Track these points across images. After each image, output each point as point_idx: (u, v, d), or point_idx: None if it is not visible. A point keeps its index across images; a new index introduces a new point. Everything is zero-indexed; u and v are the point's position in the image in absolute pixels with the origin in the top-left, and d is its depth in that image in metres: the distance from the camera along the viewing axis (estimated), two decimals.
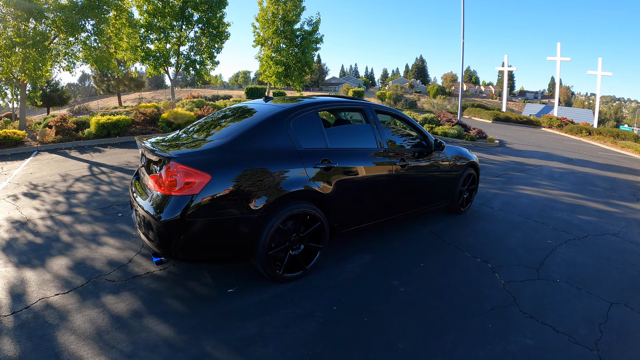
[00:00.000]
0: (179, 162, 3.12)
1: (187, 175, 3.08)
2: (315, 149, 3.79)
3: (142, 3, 18.31)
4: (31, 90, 15.05)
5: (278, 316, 3.11)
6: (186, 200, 3.05)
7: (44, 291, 3.39)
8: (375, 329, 3.05)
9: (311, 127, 3.90)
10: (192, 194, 3.06)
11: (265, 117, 3.73)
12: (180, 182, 3.07)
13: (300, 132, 3.76)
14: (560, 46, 37.45)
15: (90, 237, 4.64)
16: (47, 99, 37.16)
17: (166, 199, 3.10)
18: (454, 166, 5.59)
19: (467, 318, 3.23)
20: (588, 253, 4.82)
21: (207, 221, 3.15)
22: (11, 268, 3.83)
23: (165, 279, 3.67)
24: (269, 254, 3.41)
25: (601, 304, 3.58)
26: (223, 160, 3.27)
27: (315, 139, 3.87)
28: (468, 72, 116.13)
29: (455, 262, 4.34)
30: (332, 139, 4.00)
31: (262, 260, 3.38)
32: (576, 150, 17.58)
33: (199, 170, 3.11)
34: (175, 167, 3.09)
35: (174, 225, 3.07)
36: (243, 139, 3.47)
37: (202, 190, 3.08)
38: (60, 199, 6.26)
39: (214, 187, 3.12)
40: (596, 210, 6.97)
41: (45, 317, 3.01)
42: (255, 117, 3.79)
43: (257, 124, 3.63)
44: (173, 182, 3.09)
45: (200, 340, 2.77)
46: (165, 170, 3.15)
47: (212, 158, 3.25)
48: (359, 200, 4.24)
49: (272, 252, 3.44)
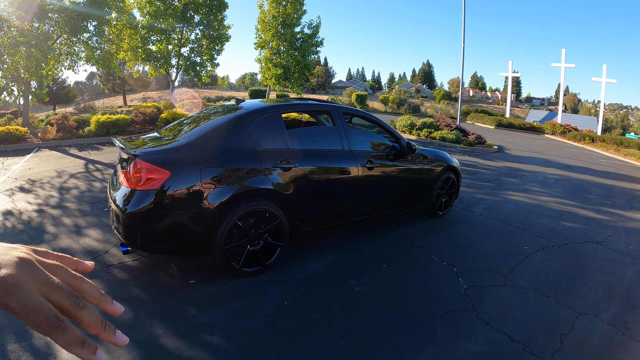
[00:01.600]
0: (142, 159, 3.32)
1: (149, 171, 3.28)
2: (275, 150, 3.88)
3: (144, 5, 18.40)
4: (37, 87, 15.38)
5: (230, 307, 3.21)
6: (149, 195, 3.25)
7: None
8: (321, 326, 3.04)
9: (272, 129, 4.01)
10: (154, 189, 3.25)
11: (227, 119, 3.88)
12: (143, 178, 3.27)
13: (261, 133, 3.87)
14: (564, 52, 37.09)
15: (74, 229, 4.85)
16: (53, 96, 37.60)
17: (132, 193, 3.30)
18: (429, 169, 5.49)
19: (418, 321, 3.12)
20: (565, 261, 4.66)
21: (167, 215, 3.32)
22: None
23: (135, 268, 3.85)
24: (227, 248, 3.52)
25: (568, 314, 3.42)
26: (182, 159, 3.44)
27: (276, 140, 3.97)
28: (475, 78, 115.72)
29: (420, 265, 4.23)
30: (294, 141, 4.09)
31: (220, 254, 3.50)
32: (577, 157, 17.32)
33: (159, 167, 3.29)
34: (140, 163, 3.29)
35: (137, 217, 3.27)
36: (203, 139, 3.64)
37: (161, 186, 3.26)
38: (54, 193, 6.47)
39: (173, 183, 3.30)
40: (584, 218, 6.79)
41: None
42: (220, 119, 3.94)
43: (218, 126, 3.80)
44: (138, 178, 3.30)
45: (154, 325, 2.91)
46: (132, 166, 3.35)
47: (172, 156, 3.44)
48: (321, 201, 4.23)
49: (230, 247, 3.55)
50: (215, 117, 3.98)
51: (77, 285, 0.52)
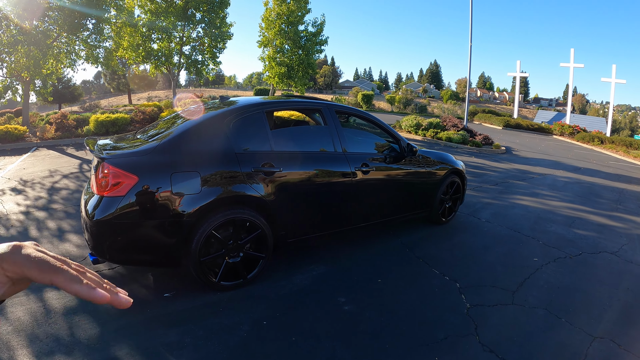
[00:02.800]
0: (109, 163, 3.04)
1: (115, 176, 3.00)
2: (256, 152, 3.56)
3: (145, 3, 18.19)
4: (41, 86, 15.26)
5: (203, 326, 2.94)
6: (115, 202, 2.98)
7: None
8: (300, 349, 2.72)
9: (254, 129, 3.68)
10: (120, 196, 2.98)
11: (204, 119, 3.57)
12: (110, 183, 3.00)
13: (241, 134, 3.56)
14: (573, 52, 36.41)
15: (57, 232, 4.71)
16: (58, 95, 37.55)
17: (99, 200, 3.04)
18: (432, 173, 5.11)
19: (412, 347, 2.76)
20: (578, 274, 4.27)
21: (135, 223, 3.05)
22: None
23: (109, 279, 3.59)
24: (202, 260, 3.24)
25: (581, 338, 3.05)
26: (151, 163, 3.15)
27: (258, 141, 3.64)
28: (482, 78, 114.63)
29: (419, 279, 3.86)
30: (278, 142, 3.74)
31: (195, 267, 3.23)
32: (586, 158, 16.83)
33: (126, 171, 3.01)
34: (107, 168, 3.03)
35: (103, 226, 3.01)
36: (175, 141, 3.33)
37: (128, 192, 2.98)
38: (43, 194, 6.37)
39: (141, 189, 3.01)
40: (596, 224, 6.39)
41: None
42: (198, 119, 3.60)
43: (193, 126, 3.46)
44: (105, 183, 3.03)
45: (119, 343, 2.70)
46: (100, 170, 3.09)
47: (140, 160, 3.15)
48: (310, 208, 3.89)
49: (206, 259, 3.26)
50: (194, 117, 3.64)
51: (79, 269, 0.54)
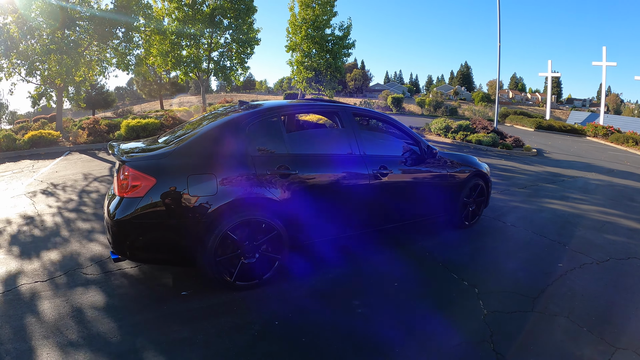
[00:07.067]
0: (130, 165, 3.20)
1: (134, 178, 3.15)
2: (271, 155, 3.67)
3: (172, 11, 18.69)
4: (74, 93, 15.94)
5: (216, 324, 3.04)
6: (135, 202, 3.13)
7: (28, 278, 3.70)
8: (309, 351, 2.75)
9: (270, 133, 3.79)
10: (139, 197, 3.13)
11: (221, 123, 3.68)
12: (129, 185, 3.16)
13: (256, 137, 3.66)
14: (605, 50, 34.90)
15: (85, 233, 4.92)
16: (92, 101, 38.89)
17: (120, 200, 3.19)
18: (454, 175, 5.04)
19: (424, 354, 2.74)
20: (604, 281, 4.11)
21: (153, 223, 3.20)
22: (10, 257, 4.21)
23: (131, 276, 3.80)
24: (217, 260, 3.34)
25: (603, 349, 2.93)
26: (169, 165, 3.28)
27: (274, 144, 3.75)
28: (514, 79, 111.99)
29: (436, 284, 3.82)
30: (294, 145, 3.83)
31: (211, 267, 3.33)
32: (620, 161, 16.16)
33: (145, 174, 3.16)
34: (127, 170, 3.18)
35: (123, 225, 3.17)
36: (192, 145, 3.46)
37: (146, 194, 3.13)
38: (74, 197, 6.68)
39: (159, 191, 3.16)
40: (627, 229, 6.13)
41: (21, 300, 3.31)
42: (214, 123, 3.73)
43: (210, 130, 3.60)
44: (125, 185, 3.18)
45: (135, 337, 2.83)
46: (121, 173, 3.25)
47: (158, 163, 3.29)
48: (325, 211, 3.92)
49: (221, 259, 3.37)
50: (213, 121, 3.76)
51: None
